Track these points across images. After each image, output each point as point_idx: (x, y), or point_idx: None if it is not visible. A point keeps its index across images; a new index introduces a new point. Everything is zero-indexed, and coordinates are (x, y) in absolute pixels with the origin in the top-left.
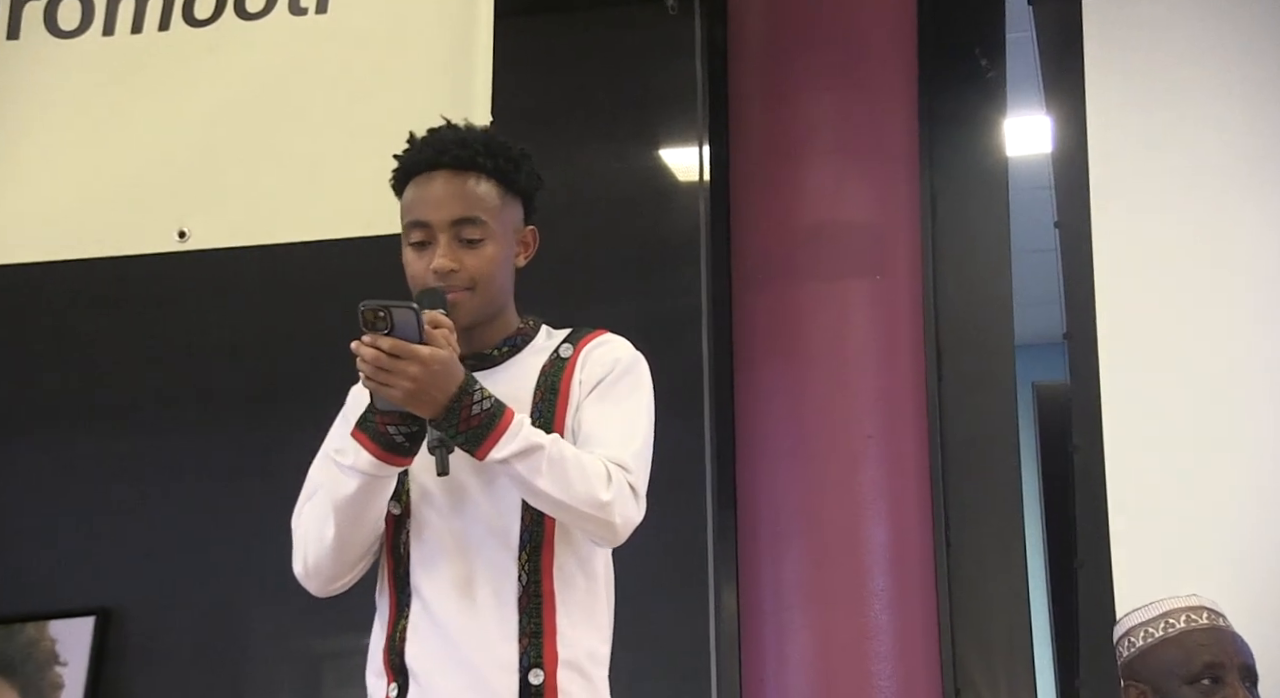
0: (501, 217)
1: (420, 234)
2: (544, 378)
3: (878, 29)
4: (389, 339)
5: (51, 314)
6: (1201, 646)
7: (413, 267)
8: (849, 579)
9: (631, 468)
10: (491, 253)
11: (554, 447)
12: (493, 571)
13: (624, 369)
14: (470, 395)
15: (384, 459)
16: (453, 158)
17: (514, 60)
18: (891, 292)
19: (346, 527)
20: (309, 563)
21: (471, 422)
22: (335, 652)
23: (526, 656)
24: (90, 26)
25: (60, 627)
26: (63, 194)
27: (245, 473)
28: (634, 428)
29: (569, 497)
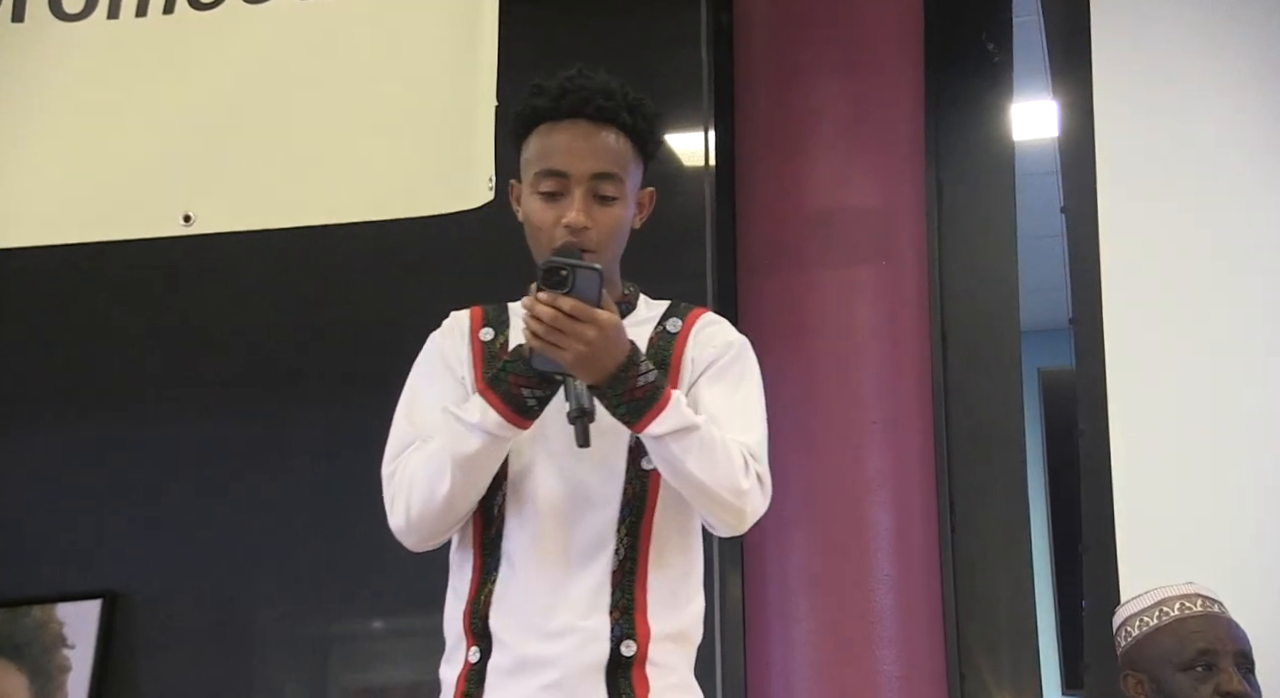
0: (631, 176)
1: (553, 184)
2: (653, 350)
3: (884, 15)
4: (570, 300)
5: (60, 298)
6: (1195, 633)
7: (540, 216)
8: (854, 565)
9: (761, 458)
10: (621, 213)
11: (707, 427)
12: (590, 541)
13: (736, 354)
14: (638, 366)
15: (512, 421)
16: (596, 108)
17: (520, 46)
18: (897, 277)
19: (462, 483)
20: (412, 517)
21: (636, 393)
22: (343, 635)
23: (619, 627)
24: (95, 9)
25: (67, 610)
26: (67, 178)
27: (253, 457)
28: (757, 415)
29: (713, 480)
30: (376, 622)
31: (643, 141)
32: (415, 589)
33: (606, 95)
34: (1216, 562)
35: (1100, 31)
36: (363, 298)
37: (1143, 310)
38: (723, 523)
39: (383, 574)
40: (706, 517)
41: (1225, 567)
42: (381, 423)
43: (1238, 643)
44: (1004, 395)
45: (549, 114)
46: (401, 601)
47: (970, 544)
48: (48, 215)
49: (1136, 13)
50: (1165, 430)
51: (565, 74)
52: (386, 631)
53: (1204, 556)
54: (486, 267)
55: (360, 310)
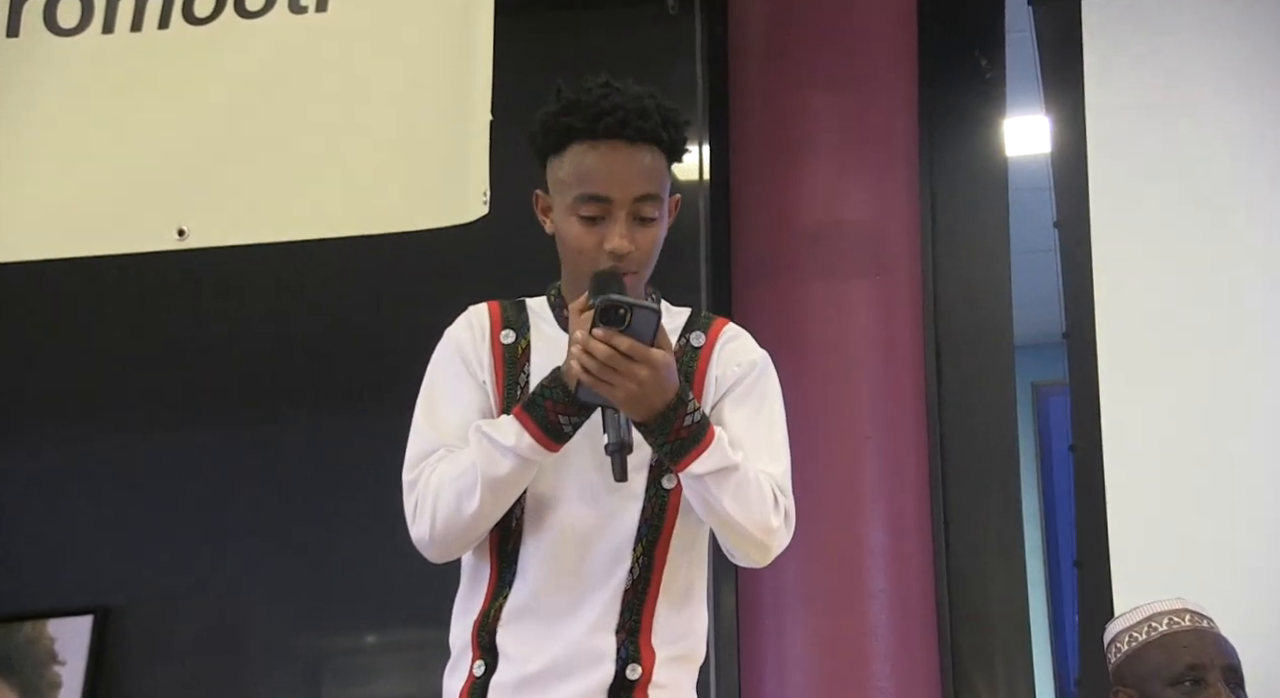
0: (666, 192)
1: (595, 208)
2: (676, 364)
3: (878, 29)
4: (627, 339)
5: (50, 312)
6: (1183, 647)
7: (580, 240)
8: (848, 579)
9: (787, 490)
10: (659, 232)
11: (744, 466)
12: (605, 560)
13: (760, 373)
14: (685, 405)
15: (546, 445)
16: (636, 130)
17: (514, 59)
18: (891, 291)
19: (491, 503)
20: (437, 531)
21: (681, 433)
22: (336, 650)
23: (625, 648)
24: (90, 24)
25: (59, 625)
26: (61, 192)
27: (244, 472)
28: (781, 442)
29: (746, 519)
30: (370, 636)
31: (676, 155)
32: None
33: (642, 114)
34: (1210, 576)
35: (1092, 47)
36: (355, 311)
37: (1136, 325)
38: (747, 556)
39: (375, 588)
40: (731, 548)
41: (1218, 581)
42: (374, 437)
43: (1225, 658)
44: (998, 409)
45: (584, 134)
46: (394, 615)
47: (964, 559)
48: (42, 230)
49: (1128, 28)
50: (1158, 445)
51: (597, 89)
52: (379, 645)
53: (1197, 570)
54: (481, 280)
55: (353, 324)
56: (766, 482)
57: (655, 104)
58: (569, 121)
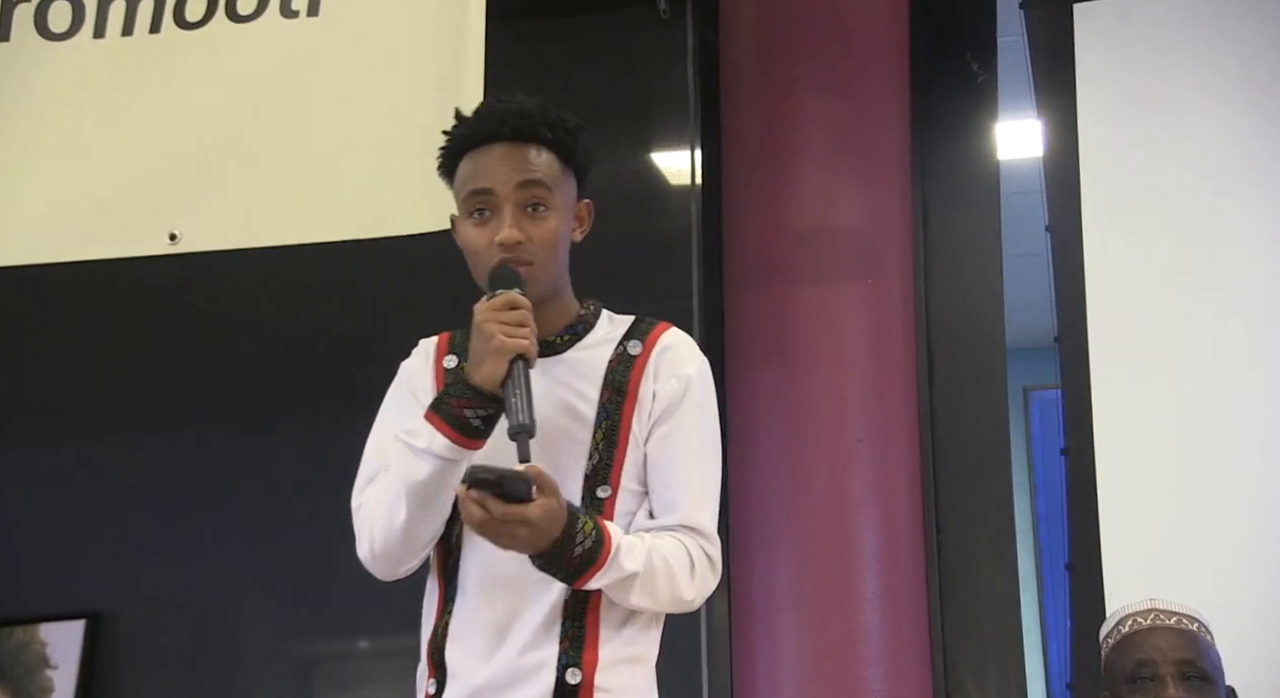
0: (562, 189)
1: (481, 201)
2: (611, 376)
3: (870, 33)
4: (500, 506)
5: (40, 318)
6: (1136, 646)
7: (475, 241)
8: (840, 582)
9: (711, 534)
10: (555, 224)
11: (647, 564)
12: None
13: (698, 387)
14: (572, 539)
15: (460, 443)
16: (513, 129)
17: (506, 64)
18: (883, 295)
19: (419, 510)
20: (376, 547)
21: (572, 562)
22: (327, 656)
23: (565, 656)
24: (81, 28)
25: (50, 630)
26: (53, 197)
27: (237, 477)
28: (710, 471)
29: (655, 605)
30: (361, 641)
31: (568, 154)
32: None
33: (522, 115)
34: (1202, 578)
35: (1084, 51)
36: (346, 316)
37: (1127, 329)
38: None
39: (367, 594)
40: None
41: (1211, 583)
42: (366, 442)
43: (1180, 652)
44: (990, 413)
45: (469, 142)
46: (386, 620)
47: (956, 563)
48: (34, 235)
49: (1120, 33)
50: (1150, 448)
51: (481, 102)
52: (371, 650)
53: (1189, 572)
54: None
55: (345, 329)
56: (680, 552)
57: (539, 107)
58: (456, 134)
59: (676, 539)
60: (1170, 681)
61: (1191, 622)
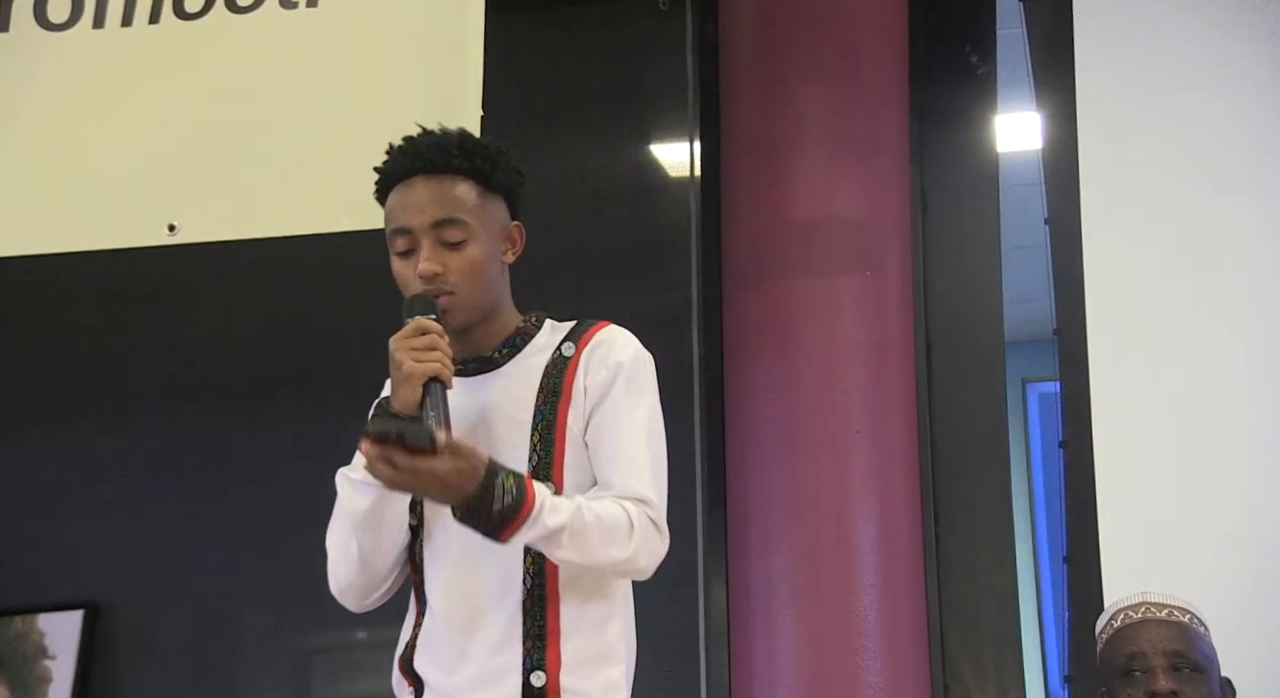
0: (483, 216)
1: (404, 242)
2: (546, 379)
3: (869, 25)
4: (404, 457)
5: (41, 309)
6: (1126, 639)
7: (401, 275)
8: (838, 575)
9: (651, 500)
10: (474, 253)
11: (576, 518)
12: (497, 575)
13: (629, 374)
14: (490, 493)
15: None
16: (427, 162)
17: (505, 55)
18: (882, 288)
19: (368, 540)
20: (341, 582)
21: (493, 519)
22: (325, 647)
23: (529, 658)
24: (80, 19)
25: (49, 620)
26: (52, 187)
27: (235, 468)
28: (647, 447)
29: (591, 562)
30: (359, 632)
31: (487, 180)
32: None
33: (436, 148)
34: (1200, 571)
35: (1083, 43)
36: (348, 308)
37: (1126, 321)
38: (620, 578)
39: None
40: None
41: (1209, 576)
42: None
43: (1171, 643)
44: (988, 406)
45: (392, 177)
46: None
47: (954, 555)
48: (32, 225)
49: (1119, 25)
50: (1149, 441)
51: (405, 136)
52: (369, 641)
53: (1188, 565)
54: None
55: (345, 321)
56: (615, 510)
57: (453, 138)
58: (381, 171)
59: (614, 500)
60: (1160, 672)
61: (1183, 614)
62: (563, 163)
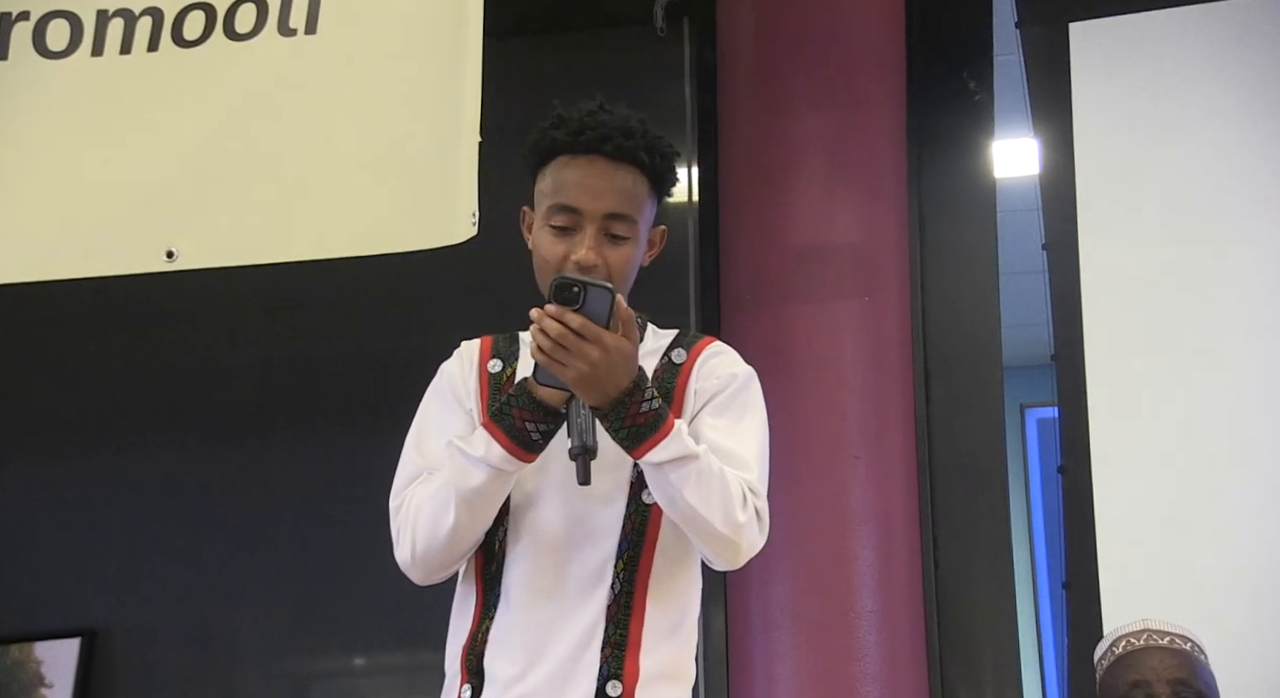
0: (645, 215)
1: (566, 219)
2: (657, 382)
3: (866, 52)
4: (578, 317)
5: (35, 334)
6: (1129, 666)
7: (550, 249)
8: (837, 600)
9: (760, 493)
10: (631, 252)
11: (706, 459)
12: (587, 575)
13: (741, 385)
14: (642, 392)
15: (516, 454)
16: (615, 146)
17: (503, 82)
18: (880, 313)
19: (467, 518)
20: (418, 551)
21: (638, 419)
22: (323, 673)
23: (607, 665)
24: (79, 47)
25: (46, 648)
26: (50, 214)
27: (233, 494)
28: (758, 449)
29: (708, 512)
30: (358, 658)
31: (659, 180)
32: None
33: (626, 133)
34: (1199, 596)
35: (1080, 70)
36: (347, 333)
37: (1124, 346)
38: (718, 556)
39: (364, 611)
40: (702, 549)
41: (1209, 601)
42: (365, 459)
43: (1174, 671)
44: (986, 431)
45: (566, 147)
46: (383, 637)
47: (953, 580)
48: (30, 252)
49: (1116, 52)
50: (1147, 466)
51: (587, 107)
52: (368, 668)
53: (1187, 591)
54: (470, 302)
55: (345, 346)
56: (734, 479)
57: (642, 128)
58: (554, 135)
59: (734, 474)
60: None
61: (1185, 642)
62: None
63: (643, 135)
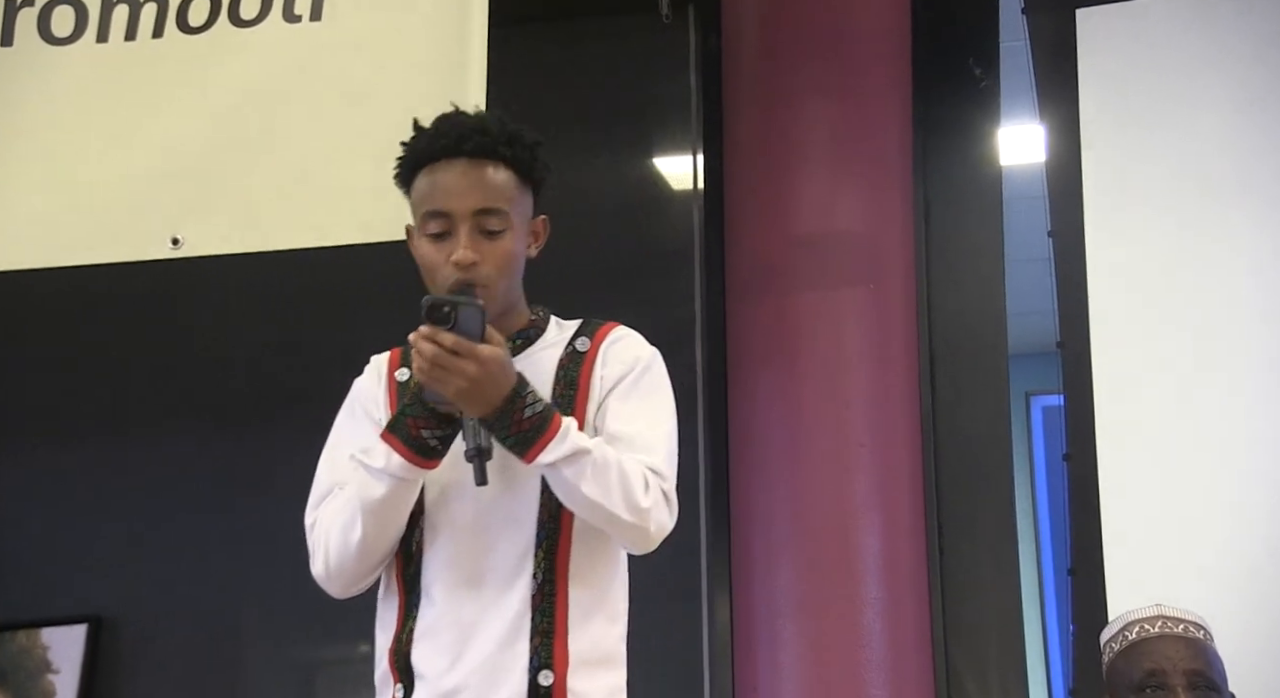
0: (518, 207)
1: (439, 224)
2: (561, 372)
3: (872, 38)
4: (451, 336)
5: (45, 320)
6: (1144, 654)
7: (430, 257)
8: (842, 588)
9: (665, 474)
10: (509, 245)
11: (599, 451)
12: (507, 568)
13: (644, 367)
14: (523, 398)
15: (416, 463)
16: (475, 145)
17: (508, 70)
18: (885, 300)
19: (374, 529)
20: (331, 566)
21: (523, 425)
22: (330, 660)
23: (537, 655)
24: (84, 33)
25: (52, 634)
26: (56, 201)
27: (239, 480)
28: (661, 430)
29: (610, 502)
30: (364, 646)
31: (526, 171)
32: None
33: (482, 131)
34: (1205, 583)
35: (1087, 56)
36: (351, 321)
37: (1130, 333)
38: (629, 542)
39: (370, 598)
40: (613, 537)
41: (1214, 588)
42: None
43: (1190, 661)
44: (992, 419)
45: (428, 156)
46: None
47: (958, 568)
48: (36, 238)
49: (1123, 37)
50: (1153, 453)
51: (440, 117)
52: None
53: (1193, 577)
54: None
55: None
56: (635, 465)
57: (498, 123)
58: (414, 146)
59: (633, 460)
60: (1180, 691)
61: (1198, 630)
62: (565, 176)
63: (501, 130)
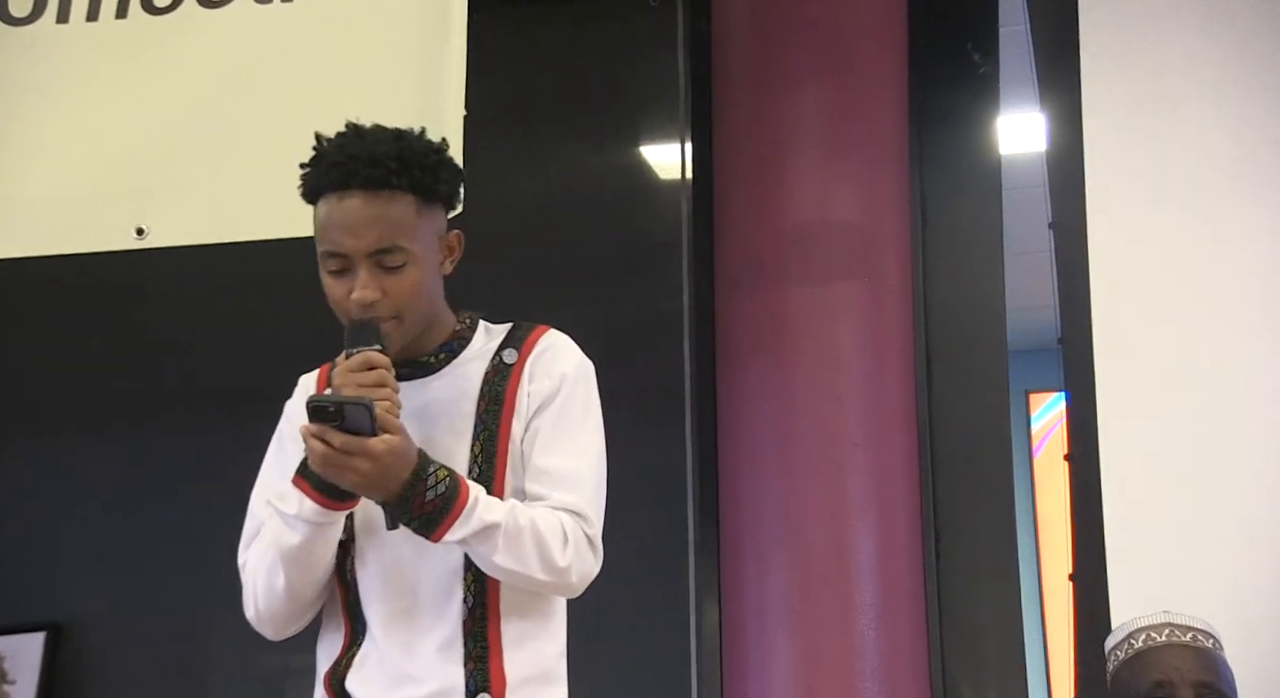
0: (421, 233)
1: (337, 263)
2: (487, 386)
3: (867, 22)
4: (340, 435)
5: None
6: (1151, 664)
7: (333, 292)
8: (835, 593)
9: (589, 515)
10: (415, 277)
11: (510, 519)
12: (436, 593)
13: (572, 386)
14: (424, 481)
15: (329, 506)
16: (365, 178)
17: (489, 53)
18: (880, 295)
19: (296, 574)
20: (261, 611)
21: (425, 508)
22: (295, 669)
23: (473, 679)
24: (44, 13)
25: (9, 643)
26: (15, 189)
27: (201, 485)
28: (588, 461)
29: (526, 568)
30: None
31: (428, 193)
32: None
33: (373, 162)
34: (1209, 588)
35: (1089, 41)
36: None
37: (1134, 330)
38: (552, 594)
39: None
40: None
41: (1218, 593)
42: None
43: (1198, 672)
44: (990, 417)
45: (322, 188)
46: None
47: (956, 572)
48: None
49: (1126, 23)
50: (1156, 454)
51: (336, 140)
52: None
53: (1196, 581)
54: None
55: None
56: (551, 519)
57: (391, 148)
58: (312, 176)
59: (548, 508)
60: None
61: (1206, 638)
62: (549, 163)
63: (396, 157)
